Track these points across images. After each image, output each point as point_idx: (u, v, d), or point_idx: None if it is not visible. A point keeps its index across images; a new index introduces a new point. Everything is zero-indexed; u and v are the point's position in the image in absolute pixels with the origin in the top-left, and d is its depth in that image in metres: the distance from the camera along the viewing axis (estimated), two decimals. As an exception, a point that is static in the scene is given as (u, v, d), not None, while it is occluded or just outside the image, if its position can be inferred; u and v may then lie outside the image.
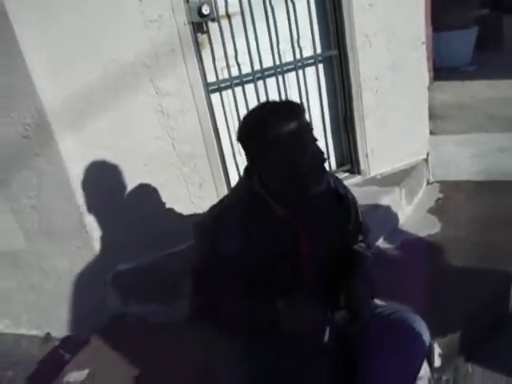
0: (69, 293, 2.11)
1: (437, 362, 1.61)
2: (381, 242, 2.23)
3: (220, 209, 1.27)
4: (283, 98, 2.27)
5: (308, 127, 1.20)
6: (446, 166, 2.89)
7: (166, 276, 2.02)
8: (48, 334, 2.31)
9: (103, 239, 2.00)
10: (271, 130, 1.12)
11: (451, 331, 1.63)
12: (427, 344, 1.29)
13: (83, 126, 1.85)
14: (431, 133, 3.29)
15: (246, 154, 1.22)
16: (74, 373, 1.78)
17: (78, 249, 1.99)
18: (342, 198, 1.34)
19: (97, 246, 1.99)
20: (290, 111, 1.17)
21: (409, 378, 1.28)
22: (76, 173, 1.88)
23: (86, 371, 1.78)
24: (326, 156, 1.21)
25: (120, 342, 1.90)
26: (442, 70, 5.41)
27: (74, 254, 2.00)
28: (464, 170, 2.82)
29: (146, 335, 1.90)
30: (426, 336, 1.28)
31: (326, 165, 1.24)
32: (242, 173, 1.32)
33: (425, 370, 1.56)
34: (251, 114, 1.22)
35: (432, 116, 3.60)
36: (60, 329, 2.26)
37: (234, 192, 1.36)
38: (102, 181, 1.94)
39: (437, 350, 1.59)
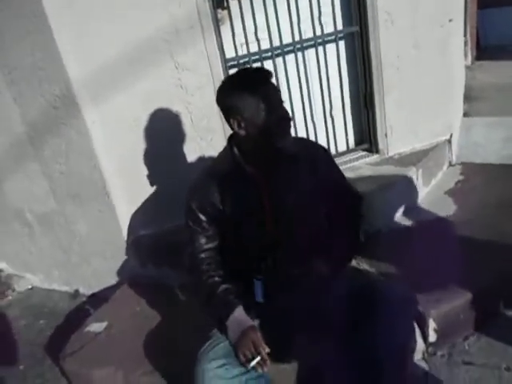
0: (93, 253, 2.30)
1: (432, 337, 1.65)
2: (391, 222, 2.24)
3: (204, 172, 1.45)
4: (302, 75, 2.30)
5: (277, 88, 1.37)
6: (473, 149, 2.81)
7: (181, 243, 2.14)
8: (76, 290, 2.53)
9: (124, 205, 2.15)
10: (249, 85, 1.29)
11: (454, 305, 1.66)
12: (414, 315, 1.33)
13: (106, 99, 1.97)
14: (465, 114, 3.21)
15: (225, 113, 1.36)
16: (94, 324, 1.96)
17: (101, 213, 2.14)
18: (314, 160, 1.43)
19: (118, 211, 2.14)
20: (263, 72, 1.34)
21: (397, 348, 1.32)
22: (100, 142, 2.02)
23: (105, 323, 1.95)
24: (291, 117, 1.37)
25: (136, 300, 2.06)
26: (487, 49, 5.16)
27: (97, 218, 2.17)
28: (491, 153, 2.74)
29: (160, 295, 2.05)
30: (415, 309, 1.32)
31: (292, 125, 1.39)
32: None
33: (419, 344, 1.62)
34: (228, 78, 1.44)
35: (468, 97, 3.49)
36: (87, 286, 2.47)
37: (217, 158, 1.50)
38: (124, 150, 2.06)
39: (432, 325, 1.63)
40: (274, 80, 1.37)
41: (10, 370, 2.05)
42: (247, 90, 1.29)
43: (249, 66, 2.18)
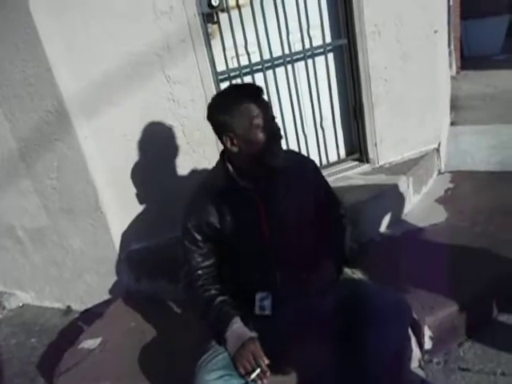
0: (86, 269, 2.28)
1: (427, 344, 1.65)
2: (384, 230, 2.26)
3: (199, 189, 1.45)
4: (293, 87, 2.33)
5: (269, 105, 1.37)
6: (461, 156, 2.87)
7: (175, 256, 2.14)
8: (68, 306, 2.50)
9: (117, 220, 2.14)
10: (241, 101, 1.30)
11: (448, 312, 1.67)
12: (409, 324, 1.34)
13: (99, 113, 1.98)
14: (452, 123, 3.27)
15: (217, 129, 1.37)
16: (88, 340, 1.93)
17: (94, 228, 2.13)
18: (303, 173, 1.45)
19: (111, 225, 2.13)
20: (254, 89, 1.36)
21: (392, 355, 1.33)
22: (92, 156, 2.02)
23: (99, 339, 1.92)
24: (282, 134, 1.37)
25: (131, 315, 2.04)
26: (470, 59, 5.27)
27: (90, 233, 2.16)
28: (480, 160, 2.79)
29: (155, 309, 2.04)
30: (410, 316, 1.33)
31: (283, 142, 1.39)
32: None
33: (415, 351, 1.63)
34: (218, 94, 1.43)
35: (454, 106, 3.57)
36: (79, 302, 2.44)
37: (211, 173, 1.50)
38: (116, 164, 2.06)
39: (427, 333, 1.64)
40: (265, 95, 1.38)
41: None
42: (239, 106, 1.29)
43: (239, 81, 2.21)
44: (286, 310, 1.37)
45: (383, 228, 2.28)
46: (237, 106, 1.29)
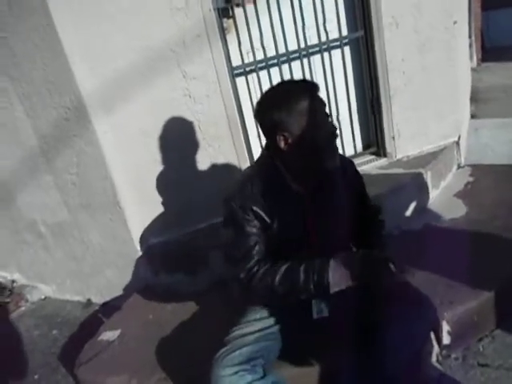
0: (105, 263, 2.32)
1: (445, 340, 1.63)
2: (402, 224, 2.24)
3: (247, 181, 1.32)
4: (308, 80, 2.32)
5: (324, 102, 1.29)
6: (481, 150, 2.81)
7: (192, 250, 2.16)
8: (89, 299, 2.55)
9: (135, 214, 2.17)
10: (297, 99, 1.21)
11: (467, 307, 1.65)
12: (432, 321, 1.33)
13: (116, 109, 2.00)
14: (472, 116, 3.21)
15: (268, 129, 1.28)
16: (108, 332, 1.97)
17: (113, 222, 2.17)
18: (346, 174, 1.42)
19: (129, 220, 2.16)
20: (311, 86, 1.26)
21: (412, 351, 1.32)
22: (110, 152, 2.05)
23: (118, 331, 1.96)
24: (338, 133, 1.30)
25: (150, 308, 2.07)
26: (492, 51, 5.15)
27: (109, 228, 2.19)
28: (500, 154, 2.73)
29: (173, 302, 2.06)
30: (432, 314, 1.32)
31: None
32: (263, 147, 1.39)
33: (433, 346, 1.61)
34: (271, 91, 1.32)
35: (475, 99, 3.50)
36: (99, 295, 2.49)
37: (257, 165, 1.41)
38: (134, 159, 2.09)
39: (445, 328, 1.61)
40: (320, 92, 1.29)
41: (25, 380, 2.07)
42: (296, 104, 1.21)
43: (255, 76, 2.21)
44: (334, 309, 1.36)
45: (402, 222, 2.25)
46: (293, 103, 1.21)
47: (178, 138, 2.12)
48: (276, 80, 2.25)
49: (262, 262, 1.25)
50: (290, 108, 1.21)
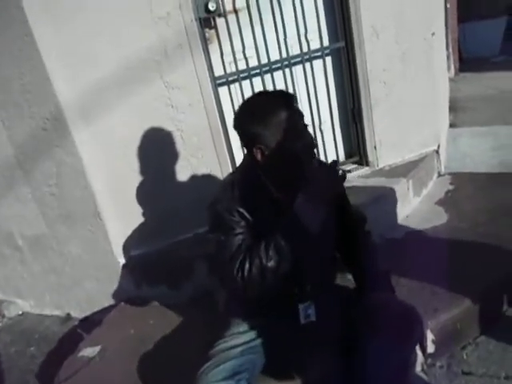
0: (85, 276, 2.26)
1: (430, 348, 1.64)
2: (384, 233, 2.25)
3: (226, 184, 1.33)
4: (291, 91, 2.32)
5: (302, 113, 1.29)
6: (461, 158, 2.86)
7: (175, 261, 2.13)
8: (68, 314, 2.47)
9: (116, 226, 2.13)
10: (273, 111, 1.21)
11: (451, 315, 1.66)
12: (421, 332, 1.33)
13: (97, 119, 1.97)
14: (451, 125, 3.27)
15: (246, 141, 1.29)
16: (88, 348, 1.91)
17: (93, 234, 2.12)
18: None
19: (110, 231, 2.12)
20: (287, 97, 1.27)
21: (400, 363, 1.30)
22: (90, 162, 2.01)
23: (99, 347, 1.90)
24: (316, 143, 1.32)
25: (131, 321, 2.02)
26: (469, 62, 5.29)
27: (90, 239, 2.14)
28: (479, 162, 2.79)
29: (155, 316, 2.02)
30: (421, 325, 1.32)
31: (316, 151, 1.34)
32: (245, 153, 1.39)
33: (417, 355, 1.61)
34: (248, 103, 1.31)
35: (453, 108, 3.57)
36: (79, 309, 2.42)
37: (238, 171, 1.41)
38: (115, 170, 2.06)
39: (430, 336, 1.62)
40: (297, 103, 1.29)
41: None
42: (272, 117, 1.20)
43: (237, 86, 2.21)
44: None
45: (385, 231, 2.26)
46: (269, 117, 1.20)
47: (160, 148, 2.09)
48: (258, 90, 2.25)
49: None
50: (266, 122, 1.21)
